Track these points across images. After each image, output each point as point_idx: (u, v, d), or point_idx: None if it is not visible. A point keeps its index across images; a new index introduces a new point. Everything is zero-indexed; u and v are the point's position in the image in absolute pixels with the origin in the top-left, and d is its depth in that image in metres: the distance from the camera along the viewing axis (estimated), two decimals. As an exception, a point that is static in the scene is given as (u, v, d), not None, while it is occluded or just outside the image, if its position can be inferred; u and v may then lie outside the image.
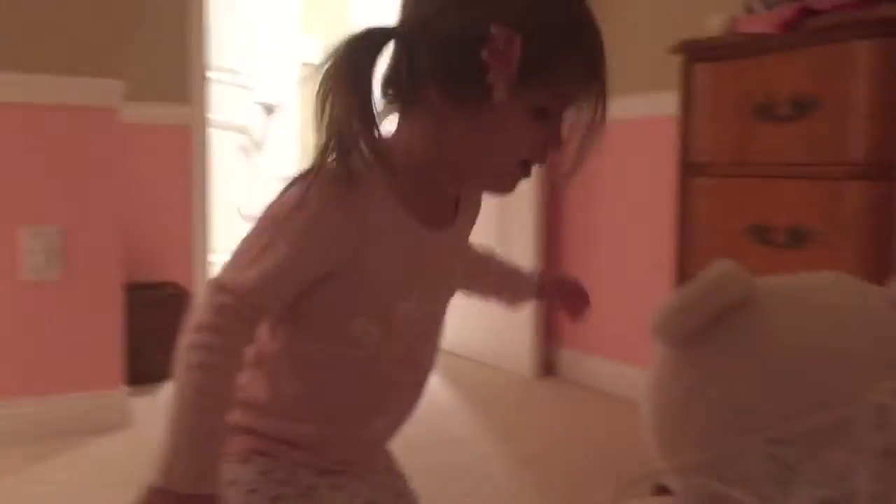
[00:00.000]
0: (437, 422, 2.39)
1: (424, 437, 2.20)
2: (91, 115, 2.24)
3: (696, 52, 1.87)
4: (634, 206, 2.70)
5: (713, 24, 1.87)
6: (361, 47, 0.78)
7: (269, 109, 4.30)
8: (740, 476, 0.96)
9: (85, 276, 2.24)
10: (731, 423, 0.98)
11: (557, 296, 1.18)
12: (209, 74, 3.15)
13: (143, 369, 2.66)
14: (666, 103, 2.07)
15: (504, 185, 0.86)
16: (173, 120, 2.99)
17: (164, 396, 2.63)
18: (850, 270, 1.24)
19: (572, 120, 0.83)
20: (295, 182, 0.80)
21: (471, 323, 2.99)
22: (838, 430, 0.91)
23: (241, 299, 0.76)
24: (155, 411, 2.43)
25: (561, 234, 3.01)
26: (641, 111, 2.60)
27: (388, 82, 0.83)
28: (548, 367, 2.98)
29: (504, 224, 2.99)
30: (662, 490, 1.05)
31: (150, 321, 2.73)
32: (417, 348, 0.93)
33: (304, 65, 4.52)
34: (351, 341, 0.85)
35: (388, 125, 0.86)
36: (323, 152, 0.77)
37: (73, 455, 2.09)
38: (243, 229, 0.82)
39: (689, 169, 1.90)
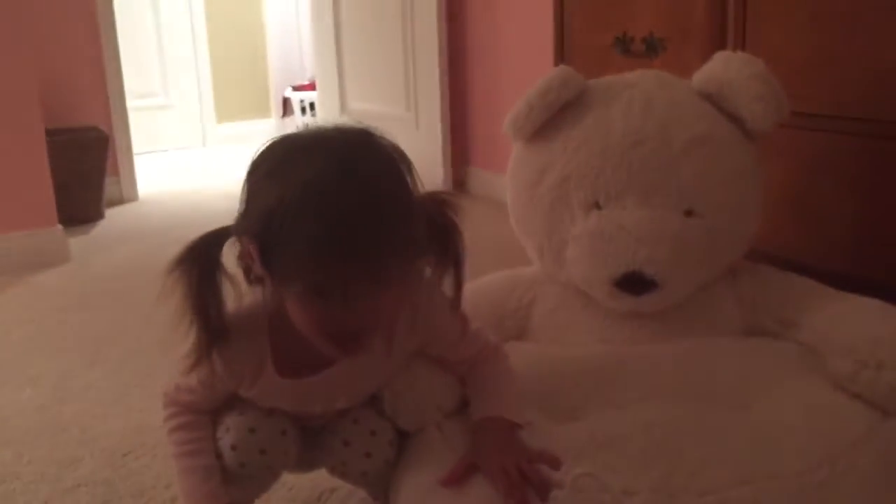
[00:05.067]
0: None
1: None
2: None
3: None
4: (525, 27, 2.84)
5: None
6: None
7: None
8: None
9: (5, 121, 2.34)
10: (564, 199, 1.22)
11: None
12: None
13: (73, 210, 2.81)
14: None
15: (329, 352, 0.89)
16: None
17: (97, 233, 2.83)
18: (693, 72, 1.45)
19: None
20: None
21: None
22: (648, 194, 1.16)
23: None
24: (91, 247, 2.62)
25: (466, 60, 3.16)
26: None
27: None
28: (459, 184, 3.21)
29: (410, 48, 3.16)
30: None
31: (76, 164, 2.85)
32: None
33: None
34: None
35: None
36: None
37: (23, 287, 2.27)
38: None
39: (562, -12, 2.06)
